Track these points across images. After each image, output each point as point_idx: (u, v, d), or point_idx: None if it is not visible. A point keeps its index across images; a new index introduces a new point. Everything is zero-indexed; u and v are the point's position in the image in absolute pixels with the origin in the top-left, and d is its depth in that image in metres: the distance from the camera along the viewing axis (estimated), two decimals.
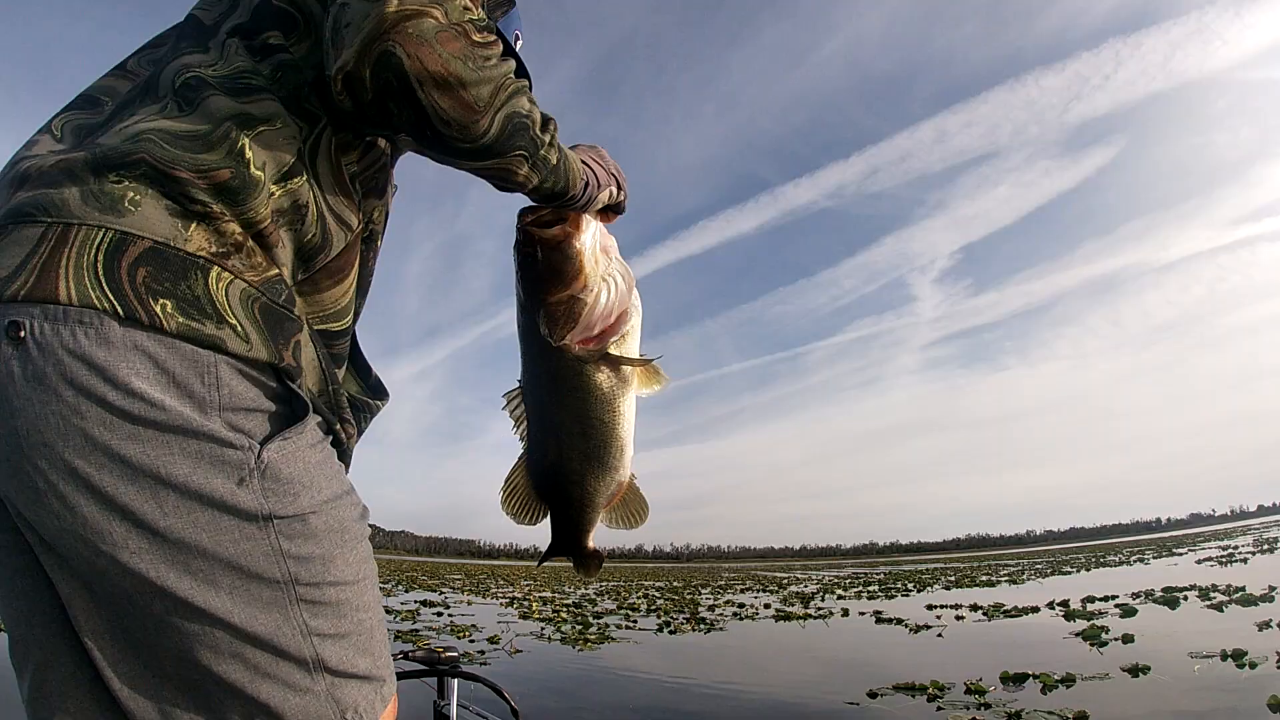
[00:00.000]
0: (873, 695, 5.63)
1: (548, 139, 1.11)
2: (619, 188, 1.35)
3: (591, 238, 1.31)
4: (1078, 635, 8.32)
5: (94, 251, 0.83)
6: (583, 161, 1.24)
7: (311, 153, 1.05)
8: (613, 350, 1.35)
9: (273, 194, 0.97)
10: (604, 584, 30.75)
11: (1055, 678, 5.68)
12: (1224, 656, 6.02)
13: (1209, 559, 24.78)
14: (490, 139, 1.01)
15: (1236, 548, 31.47)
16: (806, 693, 6.08)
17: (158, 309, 0.83)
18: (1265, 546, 29.75)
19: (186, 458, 0.84)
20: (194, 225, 0.89)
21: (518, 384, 1.42)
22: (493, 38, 0.99)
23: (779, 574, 51.31)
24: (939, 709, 5.08)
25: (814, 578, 38.36)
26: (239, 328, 0.89)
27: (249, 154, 0.94)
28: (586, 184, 1.24)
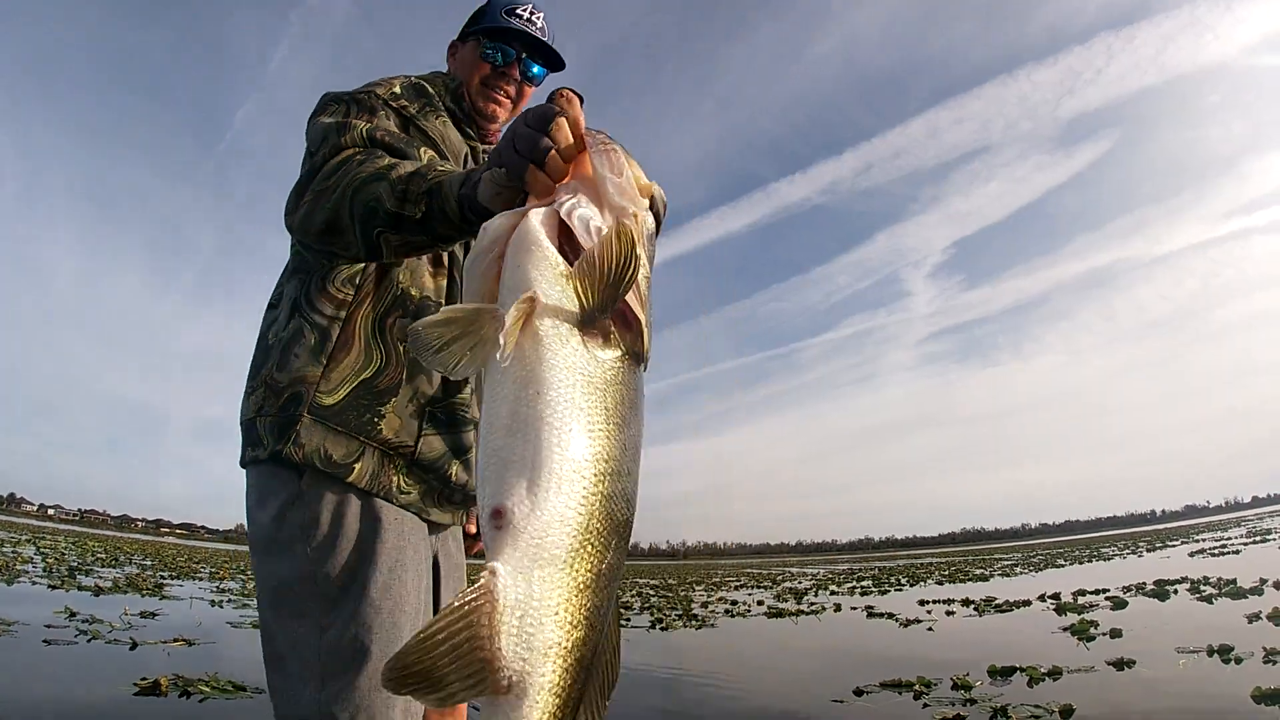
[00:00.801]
0: (859, 693, 5.62)
1: (394, 202, 1.23)
2: (501, 164, 1.04)
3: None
4: (1066, 629, 8.34)
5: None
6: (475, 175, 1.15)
7: (305, 285, 1.61)
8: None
9: (287, 328, 1.60)
10: None
11: (1042, 671, 5.70)
12: (1210, 651, 6.04)
13: (1202, 551, 24.88)
14: (360, 245, 1.32)
15: (1230, 539, 31.66)
16: (795, 689, 6.08)
17: (247, 453, 1.60)
18: (1258, 538, 29.89)
19: (263, 503, 1.55)
20: (249, 397, 1.61)
21: None
22: (333, 172, 1.36)
23: (775, 570, 51.29)
24: (925, 705, 5.07)
25: (809, 574, 38.39)
26: (264, 442, 1.54)
27: (280, 314, 1.63)
28: (461, 199, 1.16)
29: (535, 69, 1.89)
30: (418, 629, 0.98)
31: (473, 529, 2.04)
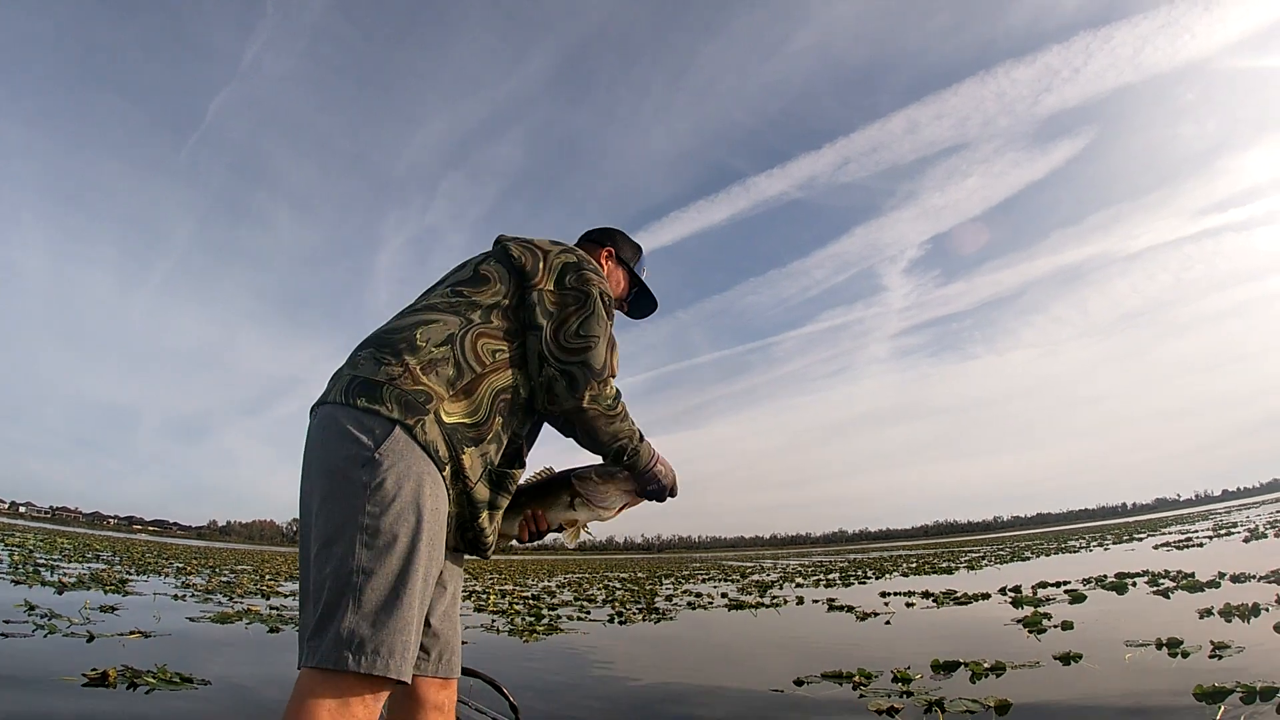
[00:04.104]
0: (799, 683, 5.64)
1: (634, 445, 2.35)
2: (658, 487, 2.49)
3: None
4: (1019, 622, 8.44)
5: (344, 380, 2.02)
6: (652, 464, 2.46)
7: (464, 328, 2.15)
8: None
9: (440, 347, 2.10)
10: (567, 576, 30.74)
11: (985, 666, 5.73)
12: (1159, 645, 6.06)
13: (1166, 544, 25.04)
14: (611, 452, 2.34)
15: (1196, 532, 31.81)
16: (738, 679, 6.10)
17: (359, 401, 1.95)
18: (1223, 531, 30.01)
19: (369, 447, 1.93)
20: (382, 365, 2.04)
21: None
22: (618, 407, 2.27)
23: (746, 563, 51.29)
24: (861, 696, 5.08)
25: (779, 566, 38.44)
26: (387, 404, 1.95)
27: (436, 328, 2.12)
28: (641, 474, 2.44)
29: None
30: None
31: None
